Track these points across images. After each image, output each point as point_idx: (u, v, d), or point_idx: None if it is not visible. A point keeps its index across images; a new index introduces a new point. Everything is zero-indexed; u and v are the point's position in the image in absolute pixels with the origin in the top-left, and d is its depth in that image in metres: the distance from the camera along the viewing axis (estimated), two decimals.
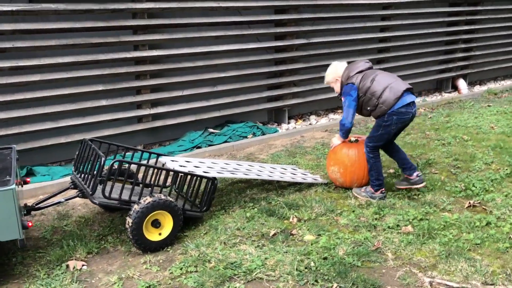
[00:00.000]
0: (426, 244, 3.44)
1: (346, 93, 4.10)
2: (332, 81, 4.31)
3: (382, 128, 4.08)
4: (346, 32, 7.30)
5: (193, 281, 3.07)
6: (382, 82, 4.04)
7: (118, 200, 3.44)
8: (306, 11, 6.77)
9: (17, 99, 4.72)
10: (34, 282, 3.10)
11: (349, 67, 4.23)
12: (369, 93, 4.03)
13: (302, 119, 7.28)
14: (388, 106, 3.98)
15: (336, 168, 4.39)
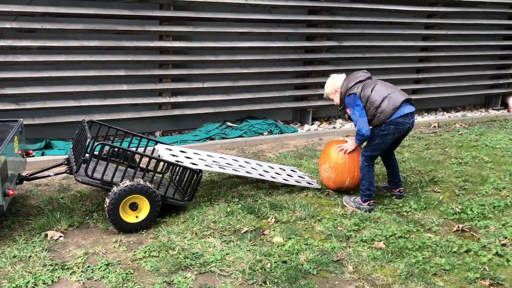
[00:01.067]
0: (392, 262, 3.37)
1: (352, 104, 4.07)
2: (331, 93, 4.29)
3: (379, 138, 4.09)
4: (382, 38, 7.14)
5: (150, 265, 3.22)
6: (381, 92, 4.04)
7: (100, 180, 3.66)
8: (341, 13, 6.68)
9: (43, 77, 5.10)
10: (11, 246, 3.39)
11: (348, 78, 4.22)
12: (368, 103, 4.04)
13: (328, 121, 7.23)
14: (386, 116, 3.99)
15: (327, 165, 4.42)
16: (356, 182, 4.36)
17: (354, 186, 4.42)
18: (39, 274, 3.05)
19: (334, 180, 4.42)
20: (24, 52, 4.99)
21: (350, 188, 4.47)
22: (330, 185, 4.50)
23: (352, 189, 4.50)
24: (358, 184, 4.32)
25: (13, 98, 5.09)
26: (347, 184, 4.41)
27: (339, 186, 4.45)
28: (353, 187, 4.46)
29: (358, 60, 7.00)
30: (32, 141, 5.28)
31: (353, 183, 4.39)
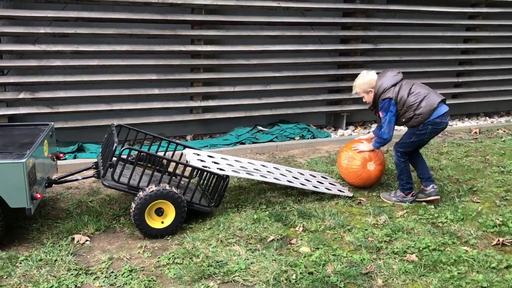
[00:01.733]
0: (424, 276, 3.20)
1: (386, 108, 4.12)
2: (363, 91, 4.23)
3: (415, 136, 4.18)
4: (420, 41, 6.89)
5: (173, 273, 3.18)
6: (418, 95, 4.10)
7: (126, 185, 3.65)
8: (377, 15, 6.50)
9: (76, 80, 5.17)
10: (39, 249, 3.42)
11: (381, 78, 4.16)
12: (405, 106, 4.10)
13: (363, 126, 7.05)
14: (424, 117, 4.09)
15: (344, 154, 4.56)
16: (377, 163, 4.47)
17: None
18: (63, 279, 3.05)
19: (356, 170, 4.50)
20: (58, 56, 5.08)
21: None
22: (351, 179, 4.59)
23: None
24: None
25: (47, 102, 5.18)
26: (368, 168, 4.47)
27: (362, 178, 4.52)
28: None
29: (394, 63, 6.79)
30: (65, 144, 5.36)
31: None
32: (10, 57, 5.04)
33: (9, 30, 4.82)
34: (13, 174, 3.17)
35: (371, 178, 4.49)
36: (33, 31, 4.85)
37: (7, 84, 5.00)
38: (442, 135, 6.74)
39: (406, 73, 6.84)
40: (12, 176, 3.17)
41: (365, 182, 4.53)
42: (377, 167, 4.45)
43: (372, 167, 4.44)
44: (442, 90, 7.22)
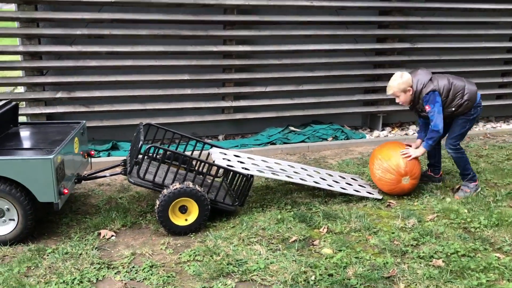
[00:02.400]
0: (450, 283, 3.07)
1: (432, 100, 4.14)
2: (401, 91, 4.18)
3: (469, 123, 4.32)
4: (461, 39, 6.64)
5: (192, 270, 3.20)
6: (459, 82, 4.23)
7: (151, 182, 3.71)
8: (414, 14, 6.31)
9: (110, 81, 5.31)
10: (66, 242, 3.53)
11: (416, 76, 4.21)
12: (451, 94, 4.18)
13: (401, 127, 6.86)
14: (473, 101, 4.24)
15: (378, 163, 4.40)
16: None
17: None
18: (85, 272, 3.14)
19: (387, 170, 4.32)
20: (93, 57, 5.24)
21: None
22: (385, 186, 4.38)
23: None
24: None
25: (83, 101, 5.36)
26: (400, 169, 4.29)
27: (394, 180, 4.31)
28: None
29: (433, 63, 6.57)
30: (101, 142, 5.52)
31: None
32: (49, 57, 5.24)
33: (48, 32, 5.02)
34: (42, 170, 3.29)
35: (404, 191, 4.35)
36: (70, 33, 5.03)
37: (46, 84, 5.20)
38: (484, 138, 6.46)
39: (446, 73, 6.62)
40: (41, 172, 3.29)
41: (397, 193, 4.39)
42: (412, 181, 4.29)
43: (407, 181, 4.27)
44: (485, 90, 6.95)
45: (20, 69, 5.22)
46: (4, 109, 3.91)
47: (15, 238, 3.44)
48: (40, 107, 5.22)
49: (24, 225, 3.41)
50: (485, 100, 6.93)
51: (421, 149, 4.32)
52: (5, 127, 4.01)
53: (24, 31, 4.95)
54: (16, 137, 3.92)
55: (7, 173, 3.28)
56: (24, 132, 4.08)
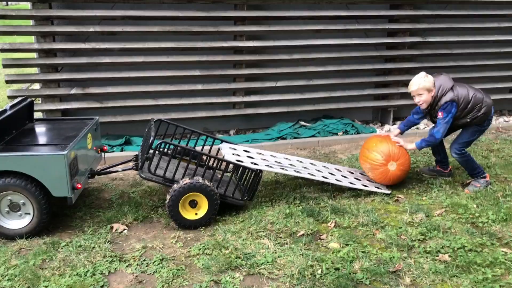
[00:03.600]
0: (455, 277, 3.10)
1: (449, 110, 4.20)
2: (427, 90, 4.21)
3: (478, 133, 4.42)
4: (474, 33, 6.58)
5: (202, 263, 3.28)
6: (478, 95, 4.27)
7: (162, 177, 3.80)
8: (426, 7, 6.27)
9: (123, 77, 5.40)
10: (80, 236, 3.64)
11: (438, 81, 4.25)
12: (470, 106, 4.24)
13: None
14: (488, 115, 4.33)
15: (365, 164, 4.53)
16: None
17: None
18: (98, 264, 3.24)
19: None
20: (106, 53, 5.33)
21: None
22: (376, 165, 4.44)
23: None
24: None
25: (97, 97, 5.45)
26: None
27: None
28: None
29: (445, 57, 6.54)
30: (114, 138, 5.62)
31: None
32: (63, 55, 5.34)
33: (62, 29, 5.12)
34: (56, 165, 3.39)
35: (393, 178, 4.42)
36: (84, 30, 5.12)
37: (60, 80, 5.31)
38: (496, 132, 6.42)
39: (458, 67, 6.65)
40: (55, 167, 3.39)
41: (388, 181, 4.47)
42: (400, 167, 4.38)
43: (394, 167, 4.37)
44: (498, 84, 6.90)
45: (35, 66, 5.33)
46: (19, 106, 4.02)
47: (31, 232, 3.55)
48: (55, 103, 5.34)
49: (39, 219, 3.52)
50: (497, 93, 6.91)
51: (412, 145, 4.41)
52: (21, 123, 4.12)
53: (39, 29, 5.06)
54: (32, 133, 4.03)
55: (23, 169, 3.39)
56: (39, 128, 4.19)
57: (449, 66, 6.57)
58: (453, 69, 6.67)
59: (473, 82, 6.78)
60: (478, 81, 6.82)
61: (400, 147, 4.39)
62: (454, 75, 6.59)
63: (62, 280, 3.05)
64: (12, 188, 3.42)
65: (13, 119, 3.91)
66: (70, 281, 3.04)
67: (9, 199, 3.48)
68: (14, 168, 3.38)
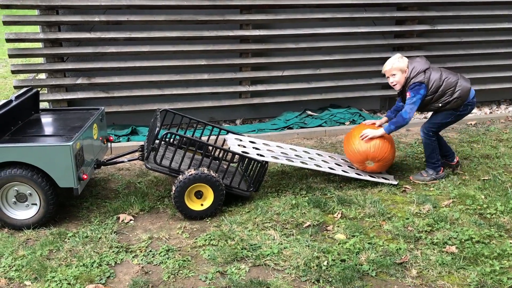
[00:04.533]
0: (462, 269, 3.08)
1: (416, 90, 4.14)
2: (400, 70, 4.17)
3: (454, 117, 4.33)
4: (483, 20, 6.47)
5: (207, 254, 3.28)
6: (452, 79, 4.20)
7: (167, 168, 3.79)
8: None
9: (129, 66, 5.38)
10: (86, 226, 3.65)
11: (412, 63, 4.19)
12: (441, 91, 4.18)
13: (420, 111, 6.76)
14: (463, 99, 4.23)
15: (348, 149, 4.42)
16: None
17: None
18: (104, 255, 3.25)
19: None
20: (112, 43, 5.31)
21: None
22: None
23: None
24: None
25: (103, 87, 5.44)
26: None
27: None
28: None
29: (454, 45, 6.45)
30: (120, 127, 5.62)
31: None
32: (69, 44, 5.32)
33: (68, 19, 5.09)
34: (61, 156, 3.39)
35: (375, 170, 4.39)
36: (89, 19, 5.09)
37: (66, 70, 5.30)
38: (505, 121, 6.34)
39: (467, 55, 6.56)
40: (60, 158, 3.39)
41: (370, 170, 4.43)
42: (377, 163, 4.32)
43: (371, 165, 4.33)
44: (508, 72, 6.79)
45: (41, 56, 5.32)
46: (25, 97, 4.02)
47: (38, 222, 3.57)
48: (61, 93, 5.33)
49: (46, 210, 3.54)
50: (508, 82, 6.82)
51: (380, 130, 4.28)
52: (27, 114, 4.13)
53: (44, 19, 5.04)
54: (37, 124, 4.03)
55: (29, 160, 3.39)
56: (45, 119, 4.19)
57: (458, 54, 6.49)
58: (463, 57, 6.59)
59: (483, 71, 6.75)
60: (488, 70, 6.75)
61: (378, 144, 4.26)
62: (463, 63, 6.55)
63: (69, 270, 3.06)
64: (18, 179, 3.43)
65: (19, 110, 3.90)
66: (77, 271, 3.05)
67: (15, 190, 3.50)
68: (20, 159, 3.38)
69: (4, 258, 3.21)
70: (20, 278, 3.01)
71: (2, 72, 9.27)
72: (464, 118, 4.55)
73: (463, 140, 5.56)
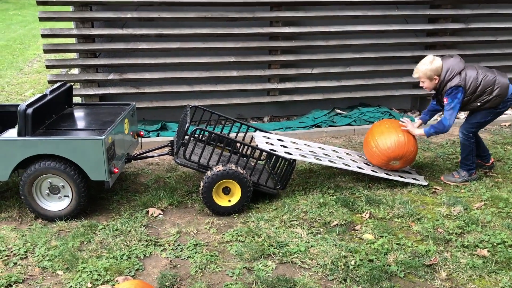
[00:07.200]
0: (494, 273, 3.01)
1: (454, 95, 4.03)
2: (428, 78, 4.06)
3: (493, 115, 4.22)
4: None
5: (235, 250, 3.30)
6: (489, 77, 4.06)
7: (196, 163, 3.82)
8: None
9: (159, 63, 5.44)
10: (116, 219, 3.71)
11: (448, 65, 4.04)
12: (479, 91, 4.05)
13: None
14: (503, 97, 4.10)
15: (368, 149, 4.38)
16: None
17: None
18: (134, 248, 3.30)
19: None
20: (143, 39, 5.38)
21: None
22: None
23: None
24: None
25: (134, 83, 5.53)
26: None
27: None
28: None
29: (489, 44, 6.30)
30: (151, 123, 5.70)
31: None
32: (102, 40, 5.42)
33: (101, 15, 5.18)
34: (94, 150, 3.46)
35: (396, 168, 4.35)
36: (121, 16, 5.17)
37: (98, 65, 5.40)
38: None
39: (502, 54, 6.38)
40: (93, 152, 3.46)
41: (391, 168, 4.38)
42: (401, 163, 4.29)
43: (397, 164, 4.28)
44: None
45: (74, 51, 5.43)
46: (59, 91, 4.11)
47: (70, 214, 3.65)
48: (93, 88, 5.44)
49: (77, 202, 3.62)
50: None
51: (420, 130, 4.24)
52: (60, 108, 4.22)
53: (78, 15, 5.14)
54: (70, 118, 4.12)
55: (62, 152, 3.47)
56: (78, 113, 4.28)
57: (493, 53, 6.33)
58: (498, 56, 6.42)
59: None
60: None
61: (409, 138, 4.21)
62: (498, 63, 6.38)
63: (99, 262, 3.13)
64: (52, 171, 3.52)
65: (53, 104, 4.00)
66: (107, 263, 3.11)
67: (49, 182, 3.59)
68: (54, 151, 3.47)
69: (38, 247, 3.30)
70: (52, 268, 3.09)
71: (37, 67, 9.52)
72: (498, 119, 4.46)
73: (497, 141, 5.42)
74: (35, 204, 3.62)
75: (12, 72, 9.13)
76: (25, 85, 8.10)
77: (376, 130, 4.33)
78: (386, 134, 4.24)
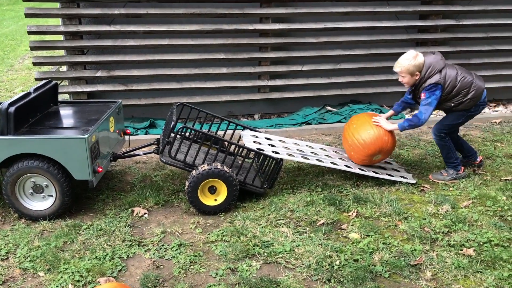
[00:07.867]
0: (479, 273, 2.99)
1: (432, 92, 3.99)
2: (409, 73, 4.01)
3: (465, 118, 4.24)
4: (510, 15, 6.26)
5: (219, 250, 3.27)
6: (467, 79, 4.05)
7: (182, 162, 3.79)
8: None
9: (148, 60, 5.39)
10: (101, 219, 3.68)
11: (429, 61, 3.99)
12: (455, 91, 4.04)
13: None
14: (476, 100, 4.11)
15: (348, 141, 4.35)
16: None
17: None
18: (117, 248, 3.27)
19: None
20: (131, 36, 5.33)
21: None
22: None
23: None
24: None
25: (122, 80, 5.47)
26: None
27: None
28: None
29: (480, 41, 6.27)
30: (139, 120, 5.65)
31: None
32: (89, 37, 5.37)
33: (88, 12, 5.12)
34: (77, 149, 3.42)
35: (374, 162, 4.35)
36: (109, 12, 5.12)
37: (86, 62, 5.34)
38: None
39: (494, 51, 6.35)
40: (76, 151, 3.42)
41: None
42: (382, 156, 4.28)
43: (378, 158, 4.28)
44: None
45: (62, 48, 5.37)
46: (44, 89, 4.06)
47: (54, 213, 3.61)
48: (81, 86, 5.39)
49: (61, 201, 3.58)
50: None
51: (394, 125, 4.19)
52: (45, 106, 4.17)
53: (65, 12, 5.08)
54: (55, 116, 4.08)
55: (45, 152, 3.43)
56: (63, 111, 4.23)
57: (484, 50, 6.30)
58: (489, 53, 6.39)
59: (510, 67, 6.54)
60: None
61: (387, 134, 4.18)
62: (490, 59, 6.36)
63: (82, 263, 3.09)
64: (35, 170, 3.48)
65: (38, 102, 3.95)
66: (89, 264, 3.08)
67: (32, 181, 3.55)
68: (37, 150, 3.43)
69: (20, 248, 3.26)
70: (34, 269, 3.05)
71: (28, 64, 9.44)
72: (488, 116, 4.45)
73: (487, 138, 5.41)
74: (18, 204, 3.58)
75: (3, 69, 9.06)
76: (15, 82, 8.03)
77: (347, 134, 4.32)
78: (356, 135, 4.22)
